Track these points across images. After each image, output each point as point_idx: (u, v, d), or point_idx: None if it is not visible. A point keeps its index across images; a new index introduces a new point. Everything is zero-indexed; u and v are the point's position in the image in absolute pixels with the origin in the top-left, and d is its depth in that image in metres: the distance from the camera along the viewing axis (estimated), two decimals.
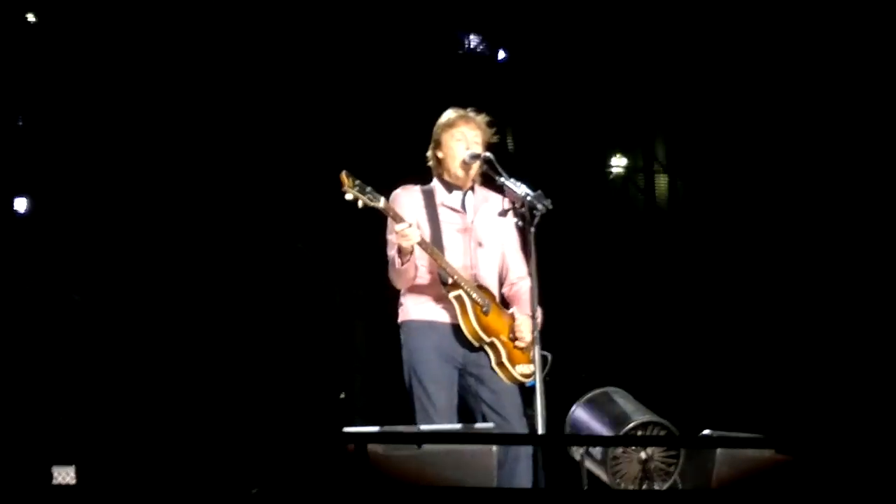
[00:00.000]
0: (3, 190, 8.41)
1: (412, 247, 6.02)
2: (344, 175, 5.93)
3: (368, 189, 5.96)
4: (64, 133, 8.53)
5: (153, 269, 8.57)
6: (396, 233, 6.00)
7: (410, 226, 5.99)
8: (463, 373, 6.19)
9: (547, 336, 5.99)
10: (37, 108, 8.50)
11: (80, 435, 7.88)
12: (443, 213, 6.27)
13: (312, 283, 8.84)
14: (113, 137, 8.58)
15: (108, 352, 8.43)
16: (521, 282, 6.32)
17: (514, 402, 6.17)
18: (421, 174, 6.36)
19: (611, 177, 9.58)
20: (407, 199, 6.28)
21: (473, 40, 9.09)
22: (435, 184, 6.36)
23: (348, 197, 5.93)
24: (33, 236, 8.46)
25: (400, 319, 6.29)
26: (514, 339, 6.18)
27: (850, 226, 8.92)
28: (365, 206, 5.96)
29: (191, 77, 8.65)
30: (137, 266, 8.56)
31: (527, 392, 6.10)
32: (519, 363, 6.18)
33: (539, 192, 5.96)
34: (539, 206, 5.90)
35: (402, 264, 6.07)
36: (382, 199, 6.00)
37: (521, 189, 5.98)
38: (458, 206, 6.31)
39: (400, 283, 6.21)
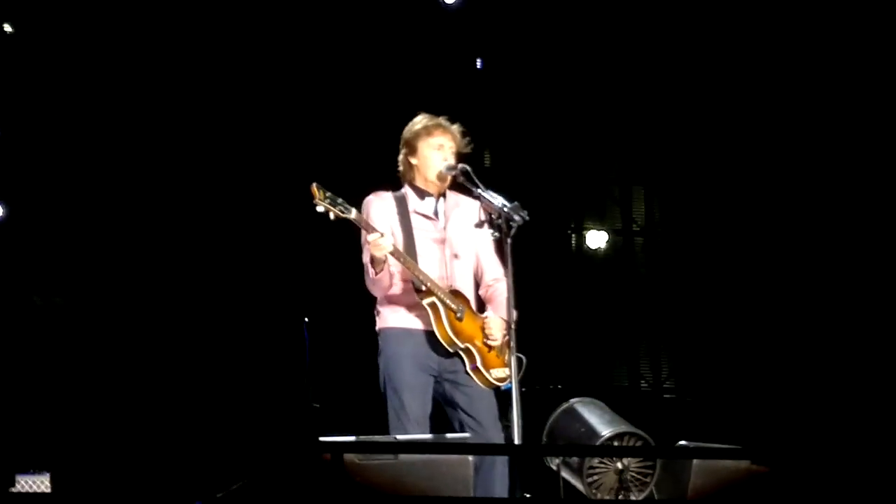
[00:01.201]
0: None
1: (385, 256, 6.02)
2: (314, 187, 5.91)
3: (340, 200, 5.95)
4: (41, 140, 8.51)
5: (131, 276, 8.55)
6: (368, 243, 6.00)
7: (382, 235, 5.98)
8: (439, 379, 6.20)
9: (525, 343, 6.00)
10: (13, 117, 8.48)
11: (54, 443, 7.86)
12: (415, 221, 6.26)
13: (285, 289, 8.83)
14: (91, 147, 8.56)
15: (83, 359, 8.40)
16: (497, 283, 6.32)
17: (489, 408, 6.17)
18: (389, 178, 6.36)
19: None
20: (379, 207, 6.27)
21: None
22: (406, 190, 6.34)
23: (319, 209, 5.92)
24: (9, 242, 8.43)
25: (377, 327, 6.30)
26: (487, 340, 6.19)
27: (830, 243, 8.96)
28: (337, 217, 5.95)
29: (165, 83, 8.64)
30: (114, 273, 8.53)
31: (504, 399, 6.11)
32: (493, 367, 6.18)
33: (516, 203, 5.97)
34: (516, 218, 5.91)
35: (376, 274, 6.08)
36: (354, 211, 6.00)
37: (497, 200, 5.99)
38: (431, 213, 6.30)
39: (376, 292, 6.21)
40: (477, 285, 6.40)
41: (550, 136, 9.21)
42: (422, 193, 6.32)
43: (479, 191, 6.09)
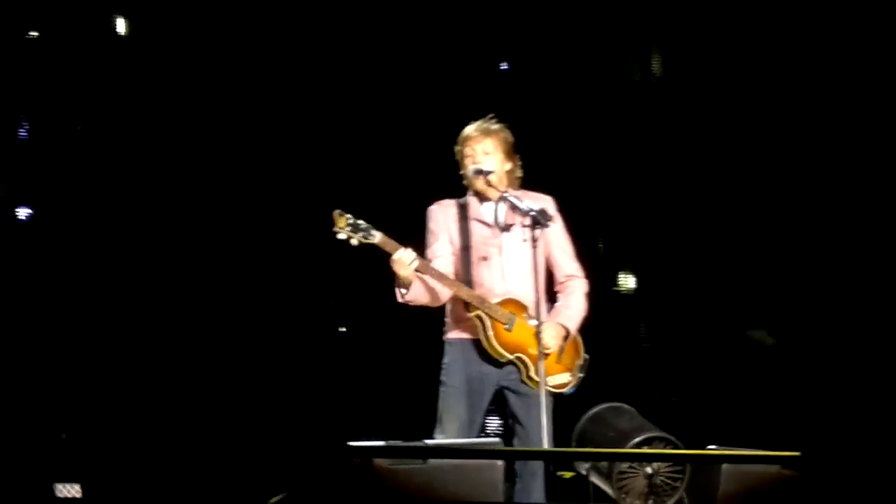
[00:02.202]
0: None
1: (411, 275, 5.99)
2: (336, 214, 5.86)
3: (364, 225, 5.91)
4: (65, 144, 8.55)
5: (156, 281, 8.57)
6: (393, 261, 5.97)
7: (403, 253, 5.94)
8: (500, 387, 6.21)
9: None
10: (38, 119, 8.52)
11: (85, 451, 7.89)
12: (474, 227, 6.27)
13: (320, 297, 8.85)
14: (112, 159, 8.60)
15: (112, 366, 8.43)
16: (570, 281, 6.33)
17: (539, 416, 6.14)
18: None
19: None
20: (441, 215, 6.30)
21: None
22: (469, 197, 6.36)
23: (341, 237, 5.87)
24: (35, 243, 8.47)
25: (444, 336, 6.33)
26: (542, 350, 6.12)
27: (846, 241, 8.93)
28: (360, 244, 5.91)
29: (190, 92, 8.67)
30: (141, 278, 8.56)
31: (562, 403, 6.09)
32: (550, 374, 6.12)
33: (542, 208, 5.98)
34: (542, 222, 5.92)
35: (403, 295, 6.08)
36: (378, 235, 5.94)
37: (524, 205, 6.00)
38: (490, 219, 6.30)
39: (424, 305, 6.22)
40: (550, 284, 6.35)
41: (579, 139, 9.19)
42: (482, 199, 6.32)
43: (506, 195, 6.10)
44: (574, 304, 6.30)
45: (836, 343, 8.84)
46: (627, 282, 9.36)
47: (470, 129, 6.33)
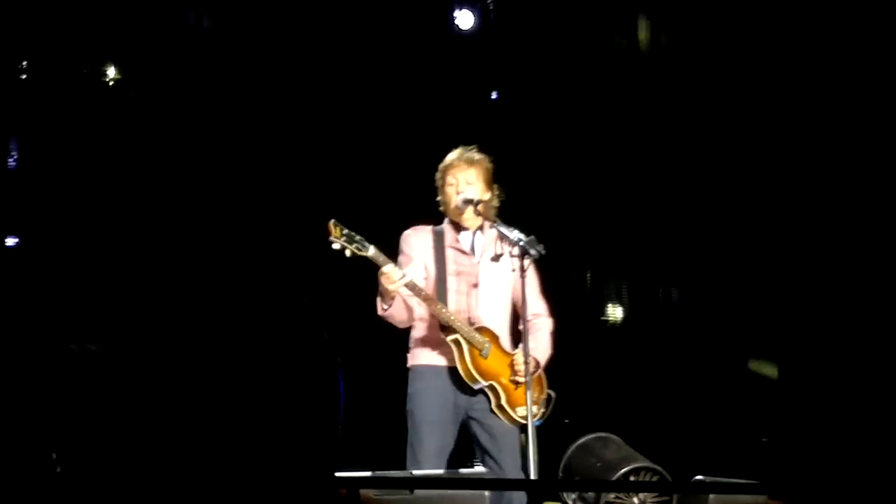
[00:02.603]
0: None
1: (396, 290, 6.00)
2: (331, 224, 5.89)
3: (357, 238, 5.93)
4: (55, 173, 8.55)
5: (142, 300, 8.56)
6: (382, 273, 5.98)
7: (393, 268, 5.96)
8: (466, 417, 6.19)
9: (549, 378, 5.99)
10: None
11: (67, 472, 7.87)
12: (450, 255, 6.27)
13: (303, 322, 8.84)
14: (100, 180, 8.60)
15: (93, 391, 8.41)
16: (537, 319, 6.31)
17: (511, 447, 6.14)
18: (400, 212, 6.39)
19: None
20: (416, 240, 6.29)
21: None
22: (446, 224, 6.37)
23: (335, 247, 5.90)
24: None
25: (408, 364, 6.30)
26: (514, 379, 6.16)
27: (833, 264, 8.95)
28: (353, 255, 5.93)
29: (184, 107, 8.68)
30: (125, 300, 8.56)
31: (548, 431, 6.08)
32: (519, 405, 6.13)
33: (532, 237, 5.96)
34: (532, 252, 5.91)
35: (385, 309, 6.08)
36: (372, 248, 5.96)
37: (513, 234, 5.99)
38: (467, 248, 6.30)
39: (393, 323, 6.21)
40: (514, 319, 6.37)
41: (567, 167, 9.21)
42: (458, 228, 6.33)
43: (495, 224, 6.10)
44: (542, 340, 6.29)
45: (822, 375, 8.85)
46: (616, 313, 9.39)
47: (453, 158, 6.32)
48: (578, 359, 8.74)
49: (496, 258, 6.20)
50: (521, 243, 5.93)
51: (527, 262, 5.91)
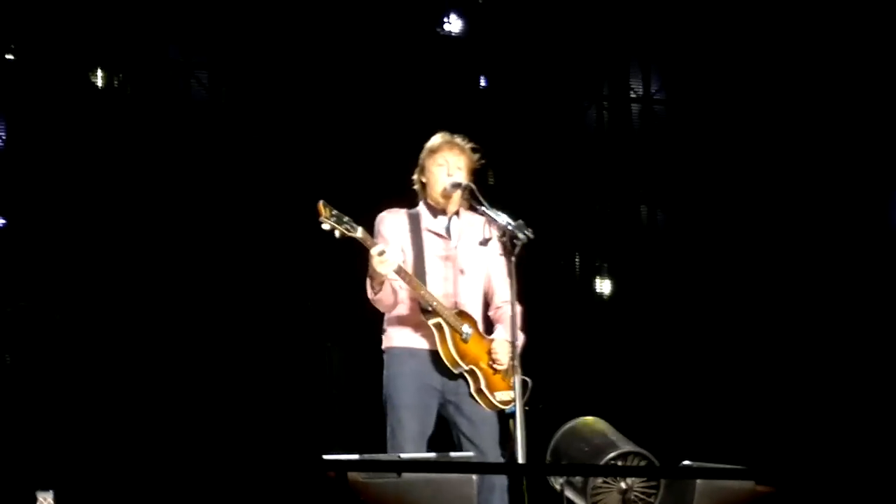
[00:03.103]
0: None
1: (386, 273, 6.00)
2: (321, 205, 5.90)
3: (346, 219, 5.93)
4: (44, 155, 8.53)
5: (132, 287, 8.55)
6: (370, 256, 5.98)
7: (383, 252, 5.96)
8: (443, 401, 6.19)
9: (529, 363, 5.99)
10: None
11: (59, 460, 7.85)
12: (427, 238, 6.26)
13: (289, 308, 8.83)
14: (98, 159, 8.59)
15: (85, 372, 8.40)
16: (506, 305, 6.29)
17: (491, 433, 6.15)
18: (399, 196, 6.38)
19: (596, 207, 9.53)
20: (392, 222, 6.27)
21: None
22: (421, 208, 6.35)
23: (325, 227, 5.91)
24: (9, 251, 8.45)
25: (383, 346, 6.29)
26: (493, 364, 6.18)
27: (830, 254, 8.97)
28: (343, 235, 5.93)
29: (172, 98, 8.67)
30: (116, 285, 8.54)
31: (506, 422, 6.10)
32: (498, 390, 6.17)
33: (520, 221, 5.95)
34: (520, 236, 5.89)
35: (376, 293, 6.08)
36: (360, 230, 5.97)
37: (501, 218, 5.98)
38: (443, 232, 6.30)
39: (381, 308, 6.21)
40: (487, 305, 6.39)
41: (556, 154, 9.20)
42: (435, 212, 6.32)
43: (484, 208, 6.09)
44: (513, 328, 6.26)
45: (810, 361, 8.87)
46: (603, 291, 9.39)
47: (442, 140, 6.31)
48: (565, 342, 8.76)
49: (484, 242, 6.20)
50: (510, 228, 5.92)
51: (517, 246, 5.91)
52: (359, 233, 5.97)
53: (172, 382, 8.48)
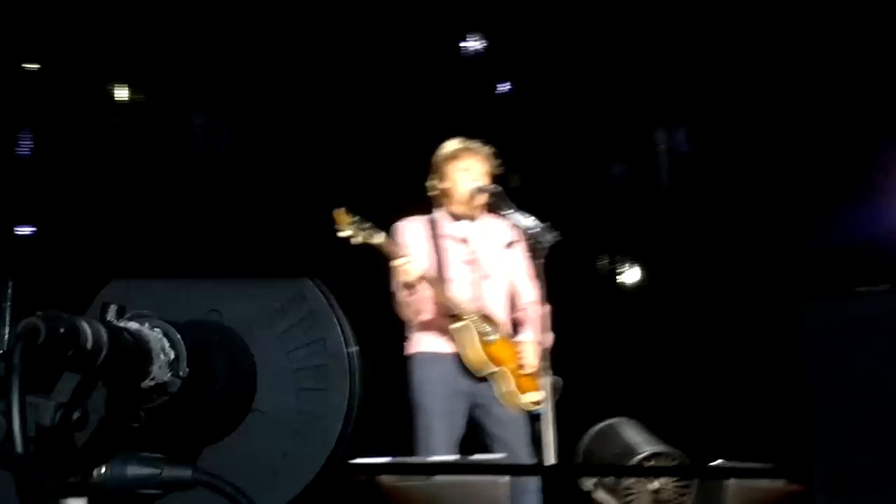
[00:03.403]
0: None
1: (417, 279, 6.00)
2: (342, 212, 5.88)
3: (368, 224, 5.92)
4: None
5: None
6: (399, 267, 5.97)
7: (410, 261, 5.96)
8: (471, 404, 6.18)
9: (558, 363, 5.98)
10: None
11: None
12: (446, 244, 6.26)
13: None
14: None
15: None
16: (531, 306, 6.30)
17: (520, 434, 6.15)
18: (421, 203, 6.38)
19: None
20: (411, 231, 6.27)
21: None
22: (439, 214, 6.35)
23: (345, 233, 5.88)
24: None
25: (406, 352, 6.29)
26: (521, 365, 6.17)
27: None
28: (364, 241, 5.91)
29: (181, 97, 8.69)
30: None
31: (535, 423, 6.08)
32: (527, 391, 6.16)
33: (546, 224, 5.96)
34: (546, 239, 5.90)
35: (409, 296, 6.07)
36: (383, 235, 5.97)
37: (527, 221, 5.98)
38: (462, 236, 6.30)
39: (408, 315, 6.20)
40: (511, 308, 6.39)
41: (580, 158, 9.18)
42: (454, 217, 6.32)
43: (510, 212, 6.08)
44: (542, 328, 6.26)
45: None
46: (632, 284, 9.34)
47: (465, 145, 6.31)
48: (595, 343, 8.74)
49: (509, 245, 6.20)
50: (536, 231, 5.92)
51: (543, 249, 5.91)
52: (381, 238, 5.96)
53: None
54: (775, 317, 9.00)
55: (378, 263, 6.06)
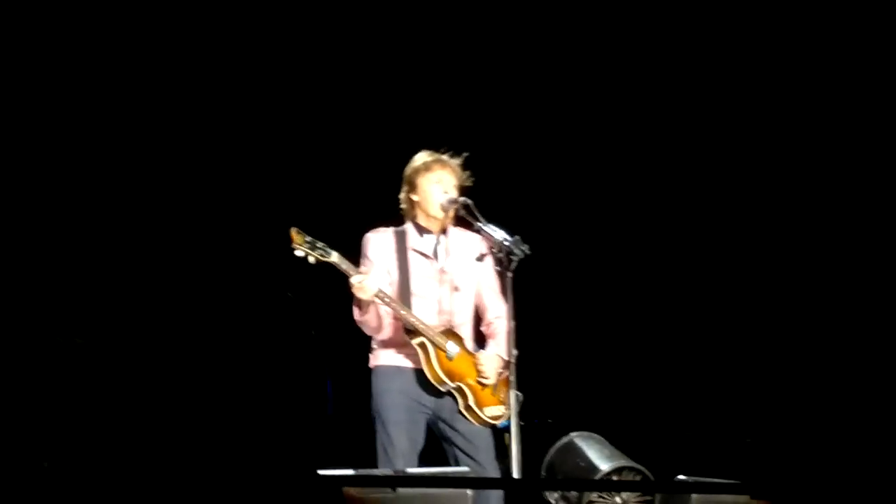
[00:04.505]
0: None
1: (371, 297, 6.03)
2: (294, 232, 5.93)
3: (320, 244, 5.96)
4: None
5: (135, 302, 8.55)
6: (353, 285, 6.01)
7: (364, 278, 5.98)
8: (434, 418, 6.21)
9: (523, 378, 5.99)
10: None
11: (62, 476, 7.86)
12: (412, 258, 6.28)
13: (287, 325, 8.83)
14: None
15: (96, 382, 8.40)
16: (498, 321, 6.33)
17: (487, 447, 6.17)
18: (393, 216, 6.40)
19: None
20: (377, 243, 6.30)
21: None
22: (407, 226, 6.37)
23: (299, 254, 5.93)
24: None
25: (370, 364, 6.31)
26: (480, 379, 6.19)
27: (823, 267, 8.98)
28: (317, 261, 5.95)
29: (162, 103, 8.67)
30: (119, 303, 8.54)
31: (501, 437, 6.11)
32: (487, 405, 6.19)
33: (517, 237, 5.97)
34: (517, 252, 5.91)
35: (363, 314, 6.10)
36: (335, 254, 5.99)
37: (498, 234, 5.99)
38: (430, 251, 6.32)
39: (366, 330, 6.23)
40: (478, 321, 6.41)
41: (555, 168, 9.19)
42: (421, 230, 6.34)
43: (480, 224, 6.10)
44: (507, 344, 6.27)
45: (810, 370, 8.88)
46: (597, 299, 9.35)
47: (434, 158, 6.34)
48: (560, 357, 8.76)
49: (480, 258, 6.22)
50: (507, 243, 5.93)
51: (513, 261, 5.92)
52: (334, 258, 5.99)
53: (168, 397, 8.48)
54: (740, 335, 9.07)
55: (342, 278, 6.09)
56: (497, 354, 6.22)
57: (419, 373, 6.17)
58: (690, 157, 9.16)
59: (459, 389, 6.17)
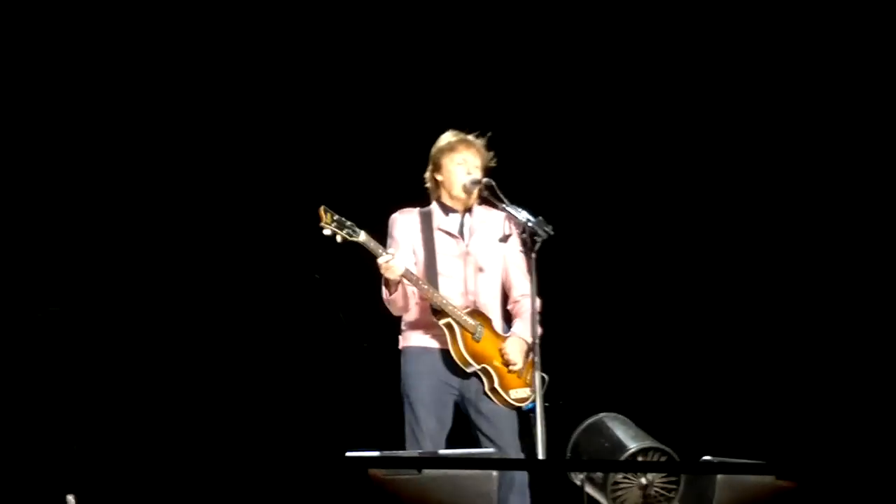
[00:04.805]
0: None
1: (399, 278, 6.05)
2: (322, 210, 5.96)
3: (348, 223, 5.99)
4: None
5: (154, 286, 8.56)
6: (381, 266, 6.03)
7: (392, 257, 6.00)
8: (460, 398, 6.22)
9: (548, 359, 6.00)
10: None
11: (80, 463, 7.89)
12: (439, 238, 6.30)
13: (314, 306, 8.84)
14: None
15: (102, 370, 8.42)
16: (523, 299, 6.34)
17: (510, 429, 6.19)
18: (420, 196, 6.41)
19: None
20: (403, 224, 6.32)
21: None
22: (433, 206, 6.39)
23: (327, 232, 5.97)
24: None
25: (400, 346, 6.33)
26: (507, 362, 6.21)
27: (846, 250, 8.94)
28: (344, 240, 5.98)
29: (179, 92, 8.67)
30: (138, 284, 8.55)
31: (525, 418, 6.12)
32: (512, 388, 6.20)
33: (540, 218, 5.98)
34: (540, 233, 5.92)
35: (390, 294, 6.13)
36: (363, 234, 6.03)
37: (521, 215, 6.00)
38: (455, 231, 6.34)
39: (393, 311, 6.26)
40: (505, 300, 6.42)
41: (581, 149, 9.16)
42: (447, 210, 6.36)
43: (504, 205, 6.11)
44: (532, 326, 6.27)
45: (836, 350, 8.85)
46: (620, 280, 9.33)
47: (459, 138, 6.35)
48: (585, 338, 8.75)
49: (504, 239, 6.23)
50: (530, 224, 5.94)
51: (537, 242, 5.93)
52: (361, 237, 6.03)
53: (192, 380, 8.50)
54: (767, 313, 9.05)
55: (370, 259, 6.10)
56: (522, 339, 6.22)
57: (446, 353, 6.19)
58: (723, 139, 9.12)
59: (485, 371, 6.18)
